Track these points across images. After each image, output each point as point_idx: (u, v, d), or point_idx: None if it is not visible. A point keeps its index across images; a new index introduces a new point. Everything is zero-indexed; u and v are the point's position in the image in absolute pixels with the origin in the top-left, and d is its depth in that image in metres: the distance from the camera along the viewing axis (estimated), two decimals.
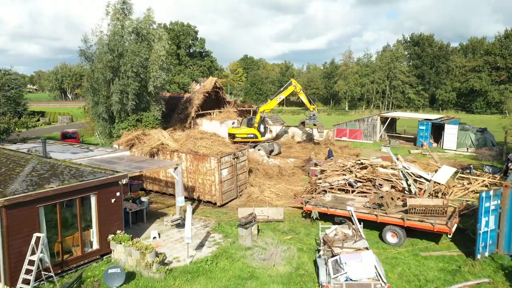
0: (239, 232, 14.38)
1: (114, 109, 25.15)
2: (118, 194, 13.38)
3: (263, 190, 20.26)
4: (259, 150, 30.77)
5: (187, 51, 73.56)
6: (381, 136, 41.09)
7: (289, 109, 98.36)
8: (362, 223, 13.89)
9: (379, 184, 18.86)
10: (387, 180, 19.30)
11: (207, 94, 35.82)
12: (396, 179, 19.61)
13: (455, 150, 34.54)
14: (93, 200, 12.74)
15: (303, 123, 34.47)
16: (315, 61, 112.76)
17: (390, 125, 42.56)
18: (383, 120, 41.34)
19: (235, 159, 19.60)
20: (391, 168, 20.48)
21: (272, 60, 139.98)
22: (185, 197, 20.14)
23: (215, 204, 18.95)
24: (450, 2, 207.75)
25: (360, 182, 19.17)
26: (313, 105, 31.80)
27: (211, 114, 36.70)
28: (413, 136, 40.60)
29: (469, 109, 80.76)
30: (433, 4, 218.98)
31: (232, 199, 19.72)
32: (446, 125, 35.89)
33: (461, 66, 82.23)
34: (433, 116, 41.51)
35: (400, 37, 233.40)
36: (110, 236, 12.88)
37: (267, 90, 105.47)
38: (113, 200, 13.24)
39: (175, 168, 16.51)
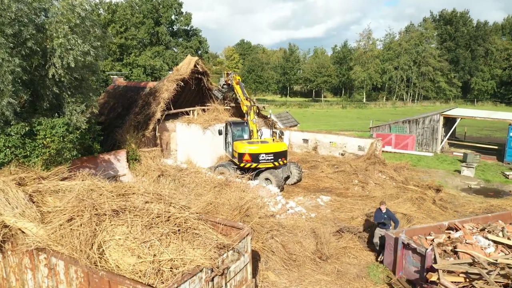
0: None
1: None
2: None
3: None
4: (266, 180, 17.78)
5: (169, 28, 59.23)
6: (442, 146, 28.18)
7: (294, 101, 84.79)
8: None
9: None
10: None
11: (182, 83, 22.52)
12: None
13: None
14: None
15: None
16: (313, 49, 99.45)
17: (450, 128, 29.69)
18: (446, 121, 28.39)
19: (218, 279, 6.56)
20: None
21: (269, 47, 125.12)
22: None
23: None
24: None
25: None
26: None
27: (189, 114, 23.55)
28: (495, 147, 27.71)
29: (511, 100, 67.58)
30: None
31: None
32: None
33: (503, 49, 68.43)
34: None
35: (401, 25, 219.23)
36: None
37: (268, 77, 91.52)
38: None
39: None
